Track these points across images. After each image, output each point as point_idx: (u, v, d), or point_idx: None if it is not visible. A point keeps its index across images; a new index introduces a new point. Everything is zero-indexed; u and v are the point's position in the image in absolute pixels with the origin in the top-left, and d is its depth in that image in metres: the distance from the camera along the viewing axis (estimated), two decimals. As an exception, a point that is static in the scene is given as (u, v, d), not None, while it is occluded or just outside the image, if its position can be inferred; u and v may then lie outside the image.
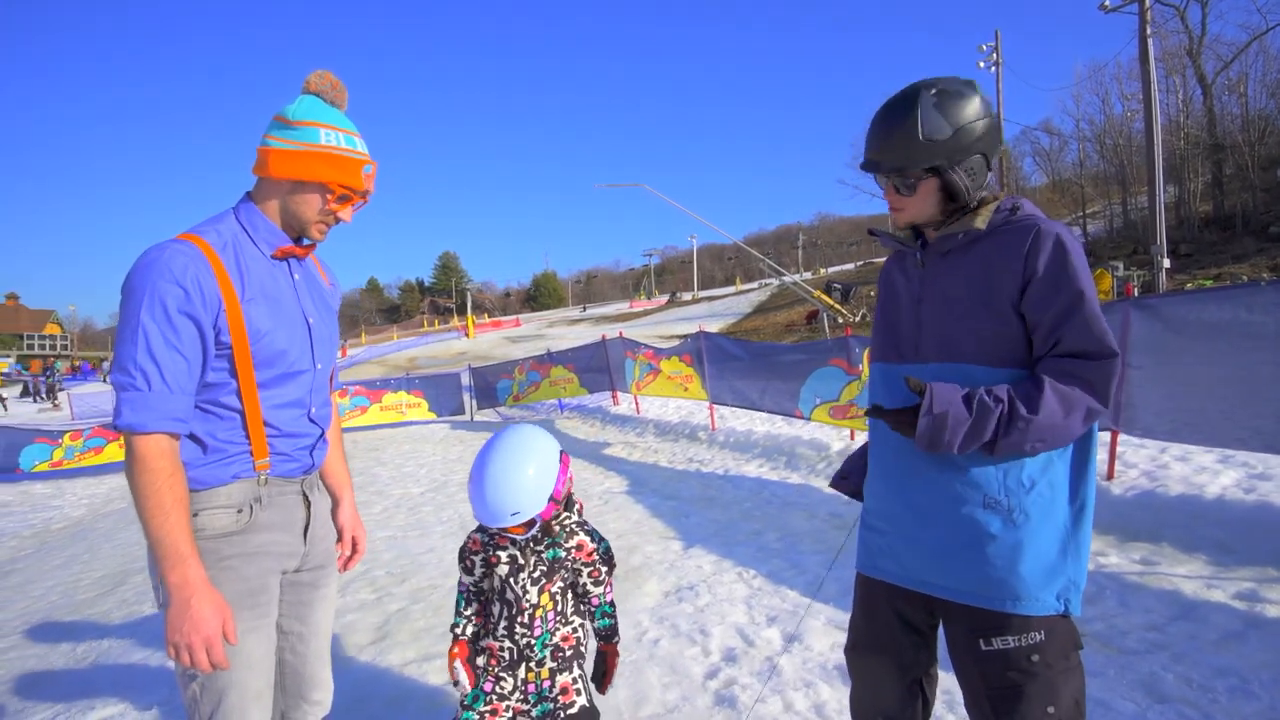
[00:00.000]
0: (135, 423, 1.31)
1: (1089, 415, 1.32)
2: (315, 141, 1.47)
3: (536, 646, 1.78)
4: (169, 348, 1.34)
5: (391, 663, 3.15)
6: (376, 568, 4.61)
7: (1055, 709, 1.35)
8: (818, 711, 2.48)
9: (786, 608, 3.44)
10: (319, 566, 1.69)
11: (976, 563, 1.40)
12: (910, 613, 1.56)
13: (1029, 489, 1.38)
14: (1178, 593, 3.21)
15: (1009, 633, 1.37)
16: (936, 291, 1.50)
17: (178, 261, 1.35)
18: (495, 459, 1.67)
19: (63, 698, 3.11)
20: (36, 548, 7.05)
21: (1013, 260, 1.38)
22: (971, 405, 1.36)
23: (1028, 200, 1.47)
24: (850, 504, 5.33)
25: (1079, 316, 1.33)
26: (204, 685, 1.44)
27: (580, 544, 1.81)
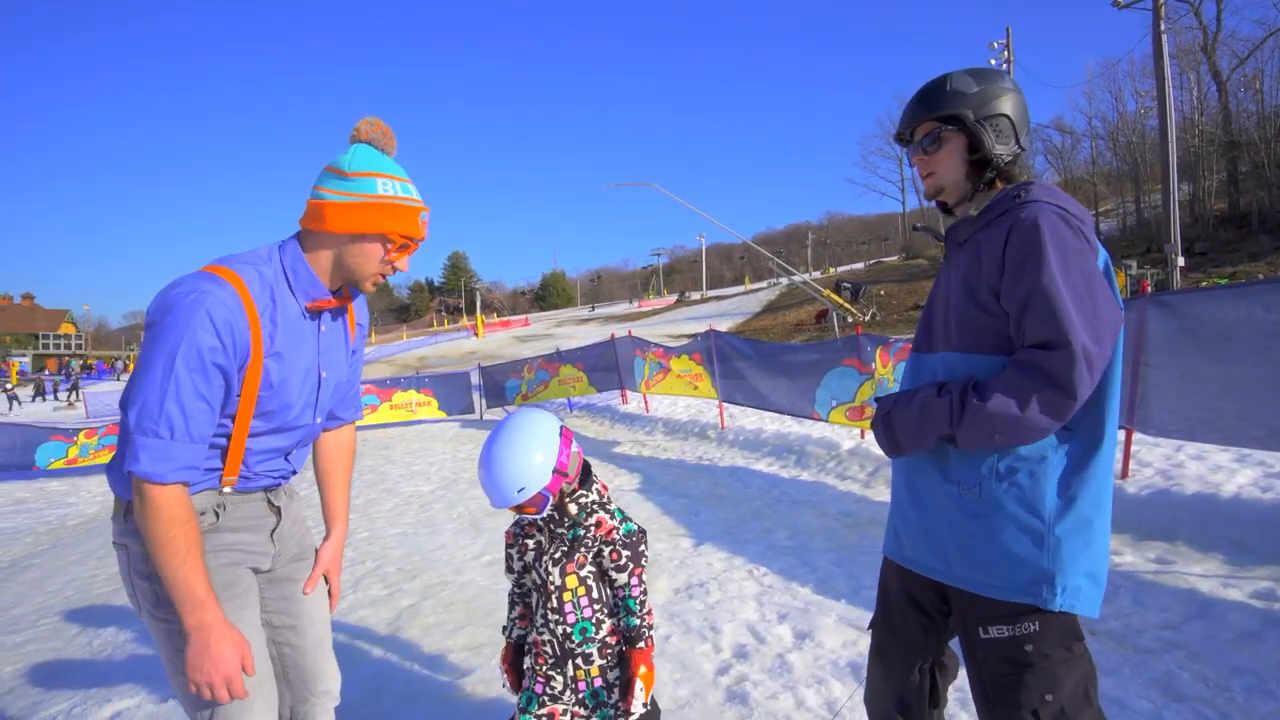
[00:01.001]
0: (153, 473, 1.29)
1: (1049, 407, 1.27)
2: (374, 192, 1.43)
3: (574, 635, 1.76)
4: (197, 396, 1.32)
5: (403, 658, 3.17)
6: (388, 564, 4.63)
7: (1054, 697, 1.34)
8: (830, 708, 2.47)
9: (798, 605, 3.43)
10: (295, 560, 1.69)
11: (953, 546, 1.43)
12: (920, 594, 1.58)
13: (1002, 477, 1.37)
14: (1194, 591, 3.18)
15: (1005, 622, 1.38)
16: (948, 281, 1.52)
17: (220, 313, 1.32)
18: (496, 443, 1.70)
19: (79, 690, 3.14)
20: (52, 544, 7.13)
21: (996, 250, 1.38)
22: (913, 400, 1.42)
23: (1042, 184, 1.45)
24: (860, 502, 5.31)
25: (1037, 305, 1.29)
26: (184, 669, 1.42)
27: (599, 521, 1.79)
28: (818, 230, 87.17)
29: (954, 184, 1.52)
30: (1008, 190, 1.45)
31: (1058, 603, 1.33)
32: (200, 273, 1.38)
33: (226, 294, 1.34)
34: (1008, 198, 1.42)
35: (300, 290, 1.47)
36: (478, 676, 2.91)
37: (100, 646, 3.76)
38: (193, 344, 1.29)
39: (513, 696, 1.88)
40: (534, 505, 1.71)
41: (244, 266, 1.40)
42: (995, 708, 1.38)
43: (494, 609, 3.66)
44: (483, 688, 2.82)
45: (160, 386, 1.28)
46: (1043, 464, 1.36)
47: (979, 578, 1.39)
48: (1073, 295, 1.28)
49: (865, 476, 5.97)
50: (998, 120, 1.47)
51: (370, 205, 1.43)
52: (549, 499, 1.71)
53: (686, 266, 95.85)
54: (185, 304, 1.30)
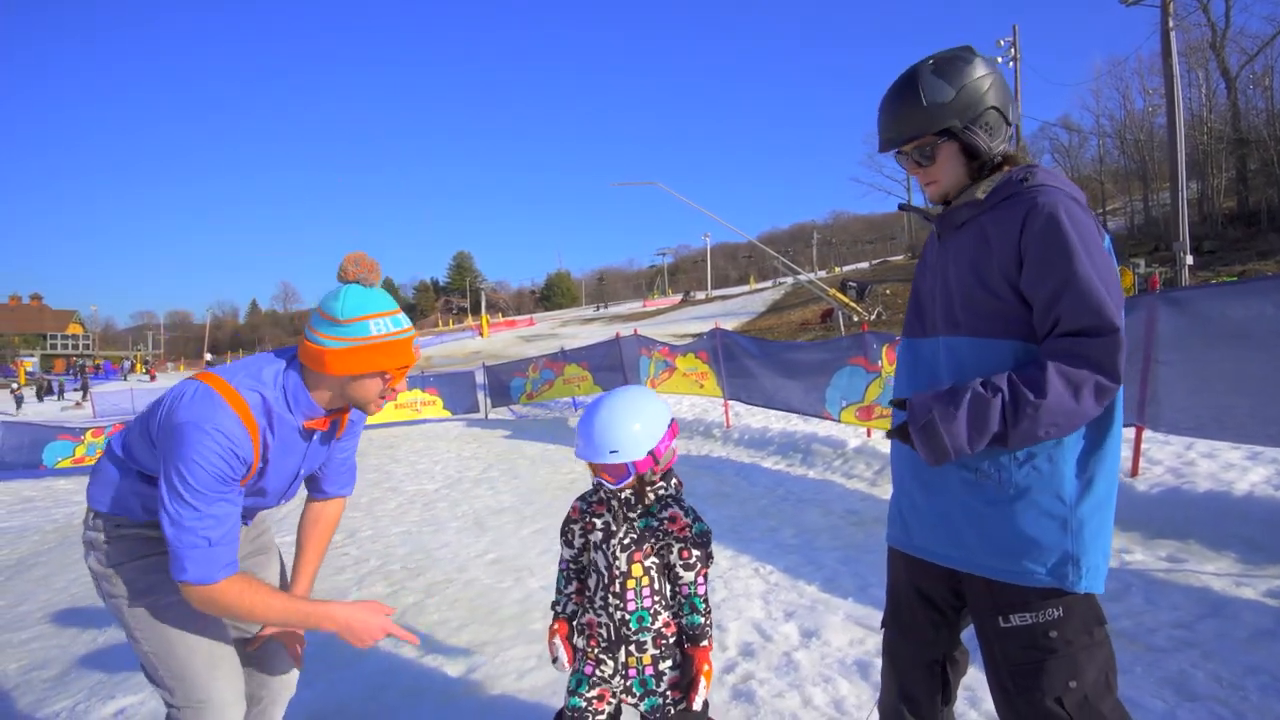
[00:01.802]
0: (203, 578, 1.46)
1: (1100, 393, 1.27)
2: (368, 334, 1.55)
3: (632, 622, 1.75)
4: (225, 503, 1.48)
5: (407, 655, 3.15)
6: (391, 562, 4.62)
7: (1077, 683, 1.32)
8: (837, 707, 2.44)
9: (804, 603, 3.40)
10: (253, 555, 1.87)
11: (972, 533, 1.40)
12: (928, 586, 1.55)
13: (1022, 462, 1.35)
14: (1207, 590, 3.14)
15: (1027, 609, 1.35)
16: (948, 264, 1.49)
17: (228, 439, 1.47)
18: (608, 402, 1.74)
19: (86, 686, 3.14)
20: (59, 542, 7.14)
21: (1009, 236, 1.35)
22: (960, 402, 1.33)
23: (1044, 167, 1.43)
24: (866, 501, 5.28)
25: (1073, 293, 1.28)
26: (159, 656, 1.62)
27: (674, 516, 1.78)
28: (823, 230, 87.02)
29: (957, 186, 1.48)
30: (1011, 174, 1.42)
31: (1083, 584, 1.32)
32: (205, 391, 1.51)
33: (229, 420, 1.48)
34: (1012, 182, 1.40)
35: (299, 412, 1.60)
36: (483, 674, 2.89)
37: (105, 644, 3.75)
38: (206, 469, 1.44)
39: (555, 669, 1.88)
40: (613, 474, 1.71)
41: (248, 391, 1.53)
42: (1016, 698, 1.36)
43: (498, 607, 3.64)
44: (488, 685, 2.80)
45: (189, 507, 1.44)
46: (1059, 447, 1.34)
47: (1001, 564, 1.37)
48: (1103, 281, 1.28)
49: (871, 475, 5.94)
50: (985, 116, 1.42)
51: (366, 348, 1.55)
52: (630, 475, 1.71)
53: (691, 266, 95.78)
54: (195, 433, 1.44)
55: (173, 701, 1.62)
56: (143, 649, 1.62)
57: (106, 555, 1.62)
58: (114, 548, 1.62)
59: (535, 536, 5.03)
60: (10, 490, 10.46)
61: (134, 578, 1.60)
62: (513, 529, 5.32)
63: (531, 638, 3.21)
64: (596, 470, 1.74)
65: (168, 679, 1.61)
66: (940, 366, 1.47)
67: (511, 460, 8.68)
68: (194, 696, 1.60)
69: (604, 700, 1.80)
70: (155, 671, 1.62)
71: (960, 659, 1.62)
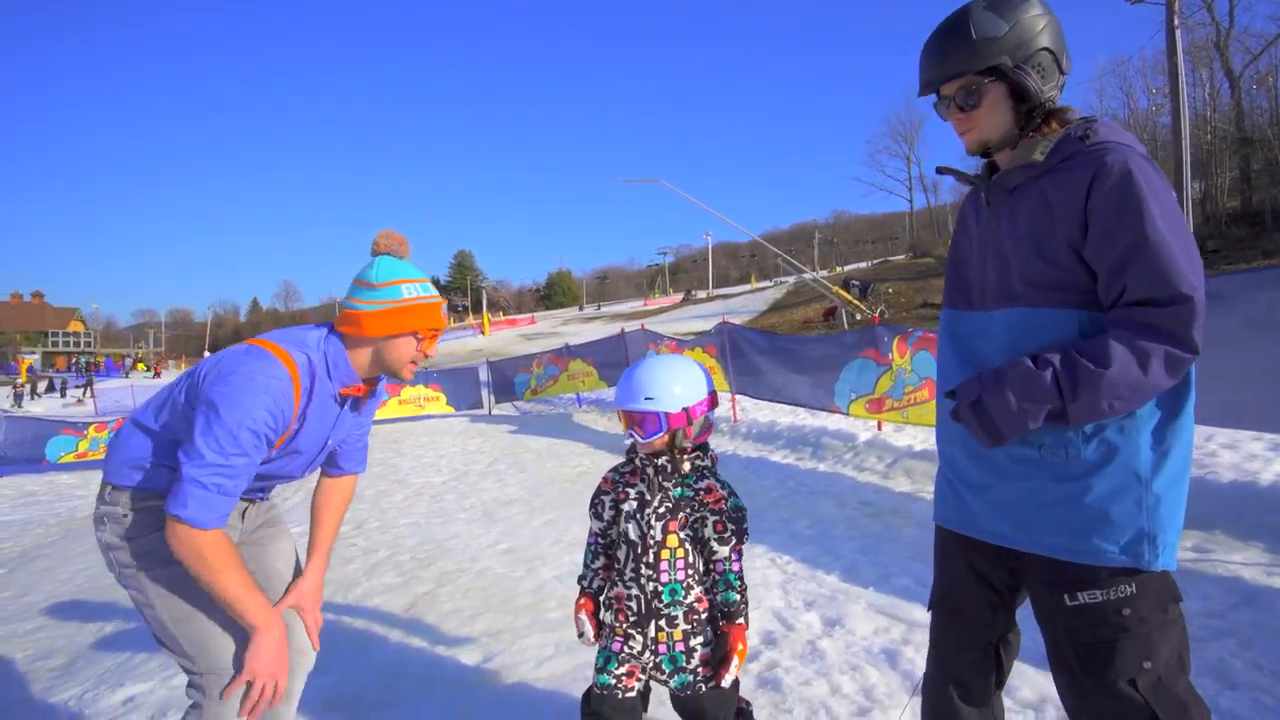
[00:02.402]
0: (198, 520, 1.45)
1: (1172, 364, 1.19)
2: (400, 297, 1.65)
3: (664, 595, 1.72)
4: (249, 462, 1.51)
5: (420, 643, 3.09)
6: (401, 552, 4.56)
7: (1152, 663, 1.24)
8: (867, 695, 2.38)
9: (824, 593, 3.34)
10: (262, 527, 1.89)
11: (1037, 512, 1.32)
12: (984, 567, 1.47)
13: (1090, 436, 1.27)
14: (1237, 580, 3.07)
15: (1096, 586, 1.27)
16: (999, 232, 1.39)
17: (277, 394, 1.51)
18: (652, 360, 1.79)
19: (93, 675, 3.08)
20: (62, 535, 7.09)
21: (1073, 199, 1.26)
22: (1008, 378, 1.27)
23: (1102, 121, 1.33)
24: (880, 493, 5.21)
25: (1142, 259, 1.19)
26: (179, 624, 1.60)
27: (710, 487, 1.76)
28: (824, 229, 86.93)
29: (1001, 136, 1.37)
30: (1069, 131, 1.32)
31: (1159, 562, 1.24)
32: (257, 348, 1.57)
33: (283, 377, 1.54)
34: (1071, 139, 1.30)
35: (337, 378, 1.67)
36: (498, 662, 2.83)
37: (112, 633, 3.70)
38: (254, 417, 1.47)
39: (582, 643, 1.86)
40: (644, 426, 1.71)
41: (297, 351, 1.60)
42: (1084, 680, 1.28)
43: (512, 596, 3.58)
44: (504, 674, 2.74)
45: (220, 449, 1.45)
46: (1131, 419, 1.26)
47: (1069, 543, 1.28)
48: (1180, 245, 1.19)
49: (884, 468, 5.87)
50: (1038, 57, 1.30)
51: (399, 309, 1.65)
52: (663, 430, 1.70)
53: (691, 266, 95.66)
54: (248, 382, 1.48)
55: (194, 669, 1.60)
56: (161, 618, 1.60)
57: (126, 528, 1.60)
58: (137, 520, 1.60)
59: (546, 528, 4.97)
60: (13, 485, 10.42)
61: (156, 547, 1.57)
62: (523, 520, 5.26)
63: (547, 626, 3.15)
64: (629, 422, 1.73)
65: (189, 647, 1.60)
66: (995, 340, 1.38)
67: (517, 454, 8.62)
68: (218, 664, 1.60)
69: (633, 677, 1.76)
70: (174, 641, 1.60)
71: (1013, 640, 1.54)
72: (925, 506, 4.70)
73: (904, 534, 4.23)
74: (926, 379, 5.88)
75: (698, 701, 1.73)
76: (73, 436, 11.89)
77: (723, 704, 1.76)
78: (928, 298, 26.03)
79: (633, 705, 1.77)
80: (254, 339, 1.64)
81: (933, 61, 1.38)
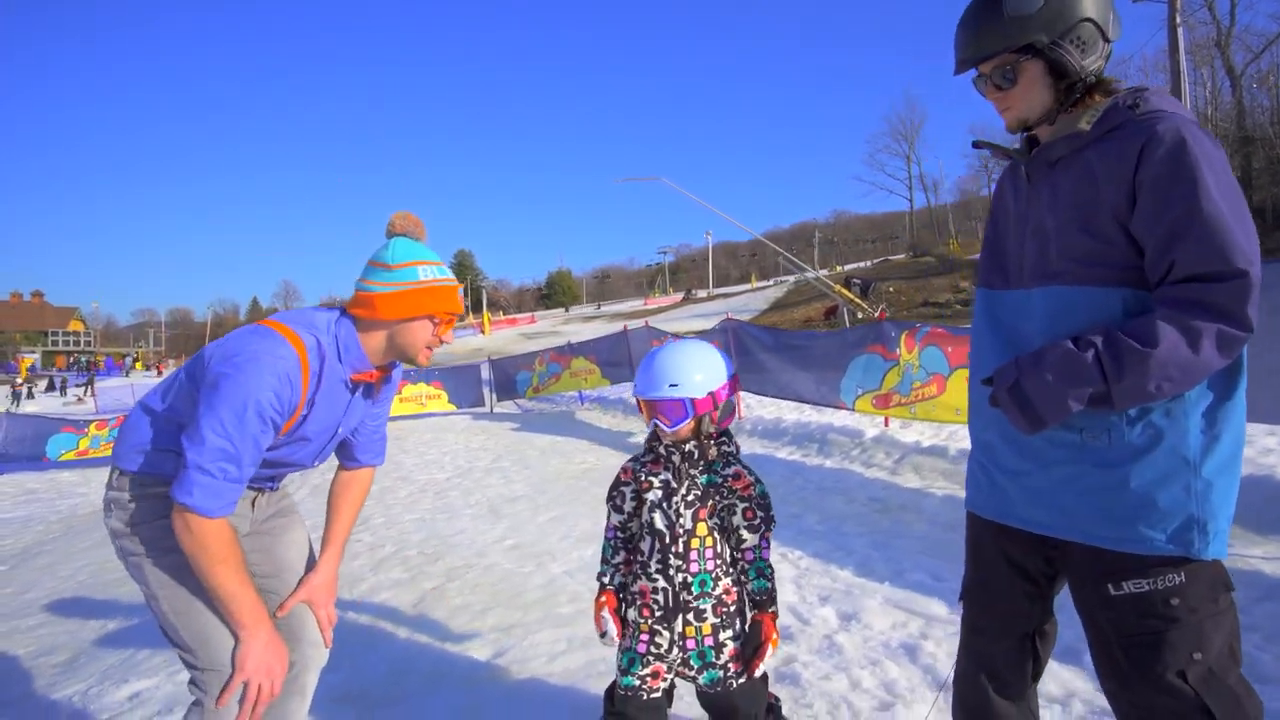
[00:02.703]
0: (204, 508, 1.40)
1: (1224, 343, 1.13)
2: (416, 279, 1.58)
3: (694, 586, 1.66)
4: (255, 446, 1.45)
5: (429, 638, 3.05)
6: (408, 548, 4.51)
7: (1203, 655, 1.19)
8: (888, 689, 2.34)
9: (839, 588, 3.30)
10: (274, 518, 1.82)
11: (1078, 499, 1.26)
12: (1021, 556, 1.42)
13: (1135, 420, 1.22)
14: (1258, 574, 3.03)
15: (1142, 575, 1.21)
16: (1041, 206, 1.34)
17: (283, 374, 1.45)
18: (671, 346, 1.74)
19: (97, 671, 3.03)
20: (63, 531, 7.04)
21: (1121, 169, 1.20)
22: (1047, 361, 1.23)
23: (1154, 88, 1.28)
24: (889, 489, 5.17)
25: (1194, 233, 1.13)
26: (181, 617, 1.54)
27: (738, 473, 1.71)
28: (824, 229, 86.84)
29: (1040, 113, 1.32)
30: (1117, 100, 1.27)
31: (1210, 550, 1.18)
32: (265, 329, 1.51)
33: (289, 356, 1.47)
34: (1120, 109, 1.25)
35: (348, 363, 1.60)
36: (510, 658, 2.79)
37: (116, 629, 3.65)
38: (259, 399, 1.41)
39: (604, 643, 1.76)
40: (669, 414, 1.66)
41: (305, 332, 1.53)
42: (1131, 673, 1.23)
43: (521, 591, 3.54)
44: (515, 669, 2.69)
45: (224, 433, 1.40)
46: (1179, 402, 1.20)
47: (1113, 532, 1.23)
48: (1235, 218, 1.14)
49: (891, 464, 5.83)
50: (1078, 30, 1.24)
51: (415, 291, 1.58)
52: (688, 416, 1.65)
53: (691, 265, 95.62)
54: (254, 362, 1.42)
55: (196, 664, 1.54)
56: (163, 609, 1.55)
57: (131, 514, 1.55)
58: (140, 506, 1.55)
59: (553, 523, 4.92)
60: (14, 483, 10.37)
61: (160, 535, 1.52)
62: (529, 516, 5.22)
63: (559, 621, 3.11)
64: (653, 411, 1.67)
65: (190, 640, 1.53)
66: (1034, 319, 1.33)
67: (521, 451, 8.58)
68: (219, 659, 1.53)
69: (659, 678, 1.70)
70: (176, 633, 1.54)
71: (1050, 631, 1.49)
72: (936, 502, 4.66)
73: (915, 529, 4.19)
74: (935, 374, 5.84)
75: (728, 698, 1.68)
76: (73, 434, 11.84)
77: (754, 700, 1.71)
78: (929, 296, 25.98)
79: (658, 705, 1.72)
80: (262, 319, 1.58)
81: (967, 40, 1.33)
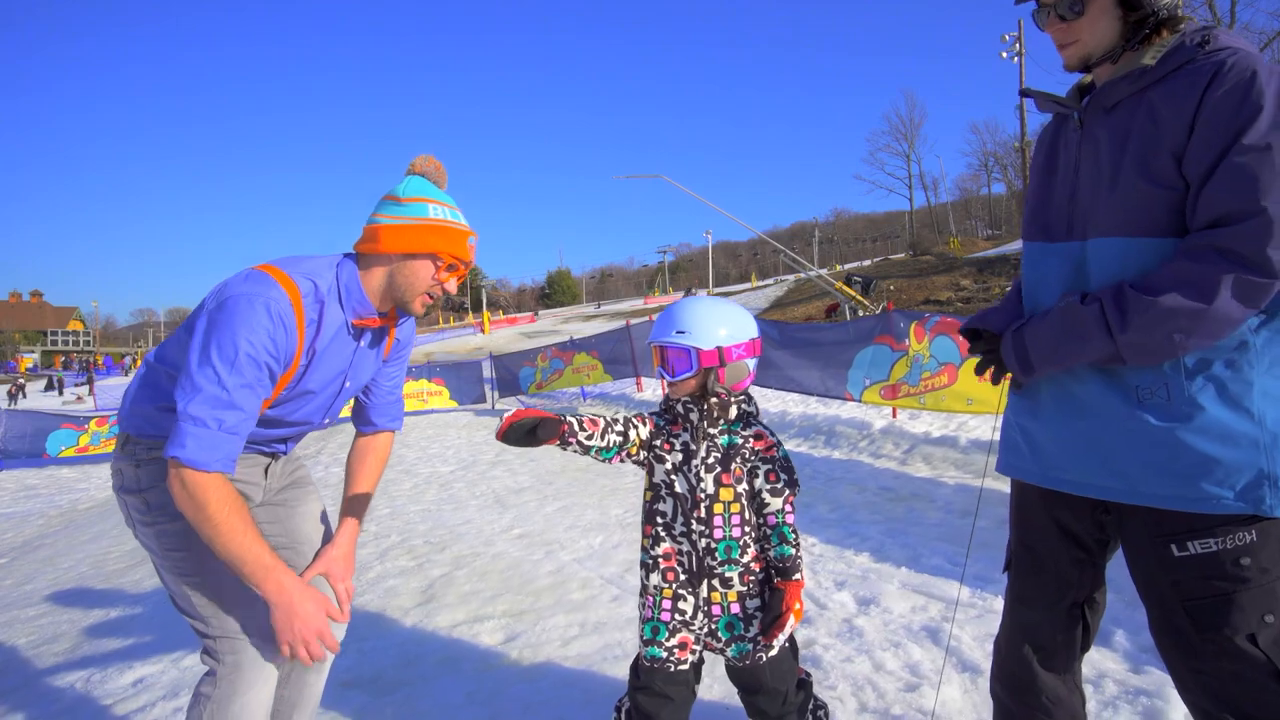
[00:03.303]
0: (198, 461, 1.31)
1: (1244, 291, 1.06)
2: (425, 215, 1.51)
3: (719, 551, 1.58)
4: (249, 392, 1.36)
5: (439, 624, 2.99)
6: (414, 537, 4.46)
7: (1275, 617, 1.12)
8: (912, 671, 2.28)
9: (855, 573, 3.24)
10: (287, 489, 1.75)
11: (1135, 459, 1.19)
12: (1070, 520, 1.35)
13: (1194, 373, 1.15)
14: None
15: (1209, 535, 1.14)
16: (1095, 153, 1.26)
17: (275, 316, 1.37)
18: (696, 298, 1.65)
19: (100, 658, 2.98)
20: (64, 525, 6.98)
21: (1184, 108, 1.13)
22: (1051, 312, 1.23)
23: (1225, 30, 1.21)
24: (899, 478, 5.11)
25: (1230, 169, 1.06)
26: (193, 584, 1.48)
27: (759, 434, 1.62)
28: (824, 228, 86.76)
29: (1106, 48, 1.25)
30: (1183, 39, 1.19)
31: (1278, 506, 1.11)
32: (258, 273, 1.42)
33: (281, 299, 1.38)
34: (1186, 48, 1.17)
35: (349, 306, 1.52)
36: (523, 642, 2.73)
37: (118, 617, 3.60)
38: (250, 342, 1.33)
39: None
40: (674, 363, 1.58)
41: (299, 275, 1.44)
42: (1195, 639, 1.16)
43: (531, 578, 3.48)
44: (529, 653, 2.64)
45: (216, 380, 1.31)
46: (1243, 350, 1.13)
47: (1175, 491, 1.15)
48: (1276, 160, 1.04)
49: (900, 454, 5.78)
50: None
51: (421, 226, 1.50)
52: (693, 369, 1.56)
53: (691, 265, 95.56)
54: (244, 304, 1.34)
55: (208, 633, 1.48)
56: (173, 576, 1.49)
57: (138, 479, 1.49)
58: (146, 470, 1.49)
59: (560, 513, 4.86)
60: (14, 479, 10.31)
61: (167, 500, 1.43)
62: (535, 506, 5.16)
63: (571, 607, 3.05)
64: (659, 359, 1.61)
65: (203, 609, 1.47)
66: (1087, 272, 1.26)
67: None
68: (230, 628, 1.48)
69: (686, 649, 1.62)
70: (187, 600, 1.48)
71: (1100, 600, 1.42)
72: (949, 491, 4.61)
73: (929, 517, 4.13)
74: (946, 364, 5.79)
75: (755, 673, 1.61)
76: (73, 430, 11.77)
77: (782, 676, 1.63)
78: (930, 294, 25.92)
79: (685, 678, 1.64)
80: (260, 265, 1.48)
81: None
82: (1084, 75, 1.36)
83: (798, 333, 8.16)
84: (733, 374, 1.60)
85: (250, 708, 1.47)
